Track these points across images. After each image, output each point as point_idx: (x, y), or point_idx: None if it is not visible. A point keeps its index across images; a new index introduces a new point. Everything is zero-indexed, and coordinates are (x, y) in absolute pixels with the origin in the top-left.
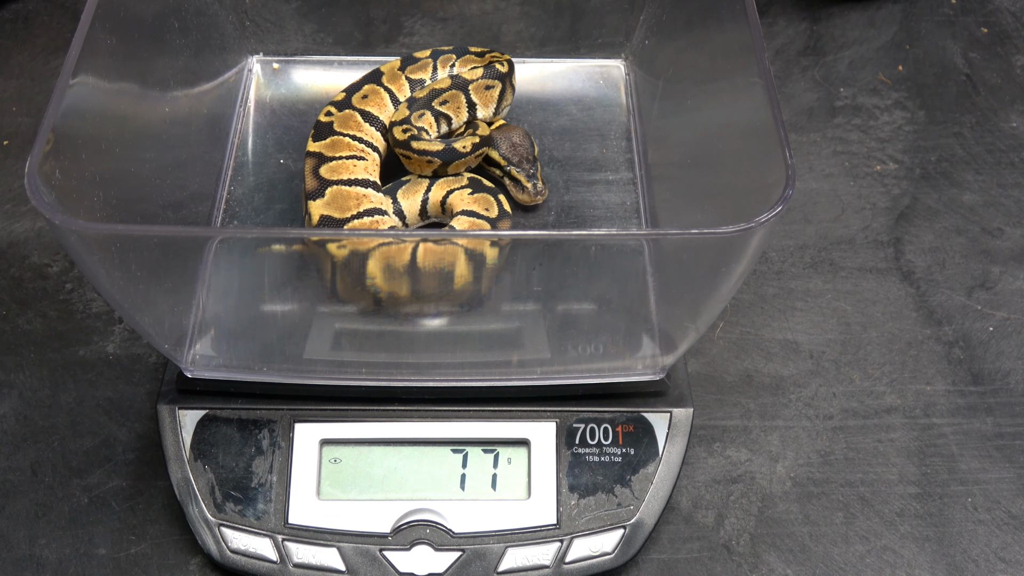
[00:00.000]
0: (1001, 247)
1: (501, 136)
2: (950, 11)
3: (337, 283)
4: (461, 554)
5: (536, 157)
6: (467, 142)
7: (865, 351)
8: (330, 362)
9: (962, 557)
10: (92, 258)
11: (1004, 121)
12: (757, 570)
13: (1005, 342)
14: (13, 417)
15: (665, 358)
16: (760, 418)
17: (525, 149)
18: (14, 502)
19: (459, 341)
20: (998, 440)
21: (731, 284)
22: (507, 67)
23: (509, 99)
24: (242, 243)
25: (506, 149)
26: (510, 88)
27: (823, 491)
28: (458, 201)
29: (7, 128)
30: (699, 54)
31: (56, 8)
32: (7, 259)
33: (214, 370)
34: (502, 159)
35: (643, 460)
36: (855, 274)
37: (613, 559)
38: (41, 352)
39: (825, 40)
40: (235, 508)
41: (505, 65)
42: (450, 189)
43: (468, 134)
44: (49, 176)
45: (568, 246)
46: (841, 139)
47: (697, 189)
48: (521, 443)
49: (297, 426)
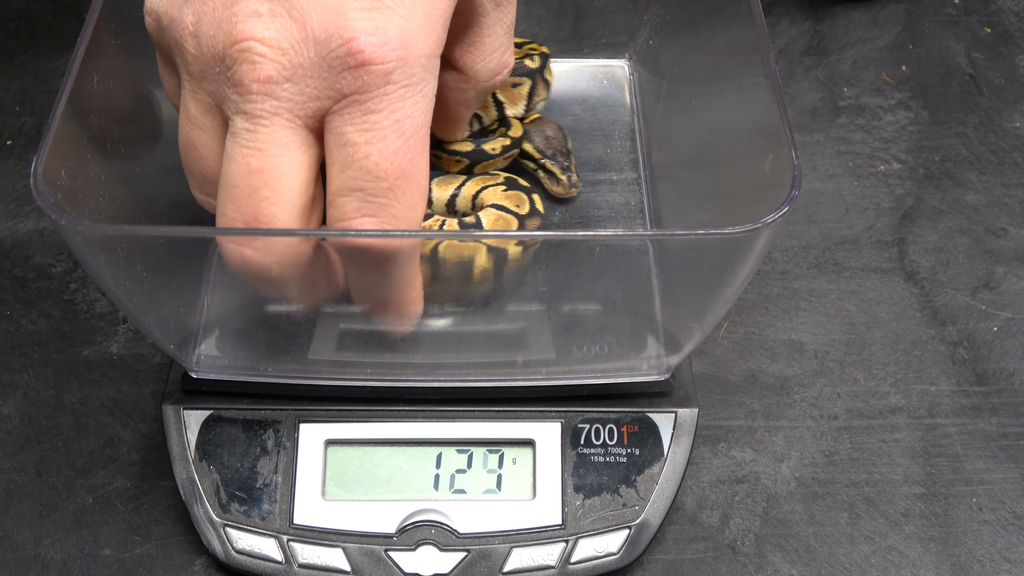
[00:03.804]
0: (1005, 247)
1: (535, 129)
2: (953, 11)
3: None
4: (466, 554)
5: (569, 150)
6: (497, 144)
7: (869, 351)
8: (335, 362)
9: (967, 557)
10: (98, 259)
11: (1007, 121)
12: (762, 570)
13: (1009, 342)
14: (17, 417)
15: (670, 358)
16: (765, 418)
17: (559, 142)
18: (19, 502)
19: (464, 342)
20: (1003, 440)
21: (737, 285)
22: (538, 62)
23: (543, 94)
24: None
25: (540, 142)
26: (542, 83)
27: (828, 491)
28: (490, 196)
29: (10, 128)
30: (703, 54)
31: (59, 8)
32: (11, 259)
33: (219, 371)
34: (536, 152)
35: (648, 460)
36: (859, 274)
37: (618, 559)
38: (45, 352)
39: (828, 40)
40: (240, 508)
41: (536, 60)
42: (484, 185)
43: (500, 134)
44: (55, 176)
45: (573, 246)
46: (844, 139)
47: (701, 189)
48: (526, 443)
49: (302, 426)
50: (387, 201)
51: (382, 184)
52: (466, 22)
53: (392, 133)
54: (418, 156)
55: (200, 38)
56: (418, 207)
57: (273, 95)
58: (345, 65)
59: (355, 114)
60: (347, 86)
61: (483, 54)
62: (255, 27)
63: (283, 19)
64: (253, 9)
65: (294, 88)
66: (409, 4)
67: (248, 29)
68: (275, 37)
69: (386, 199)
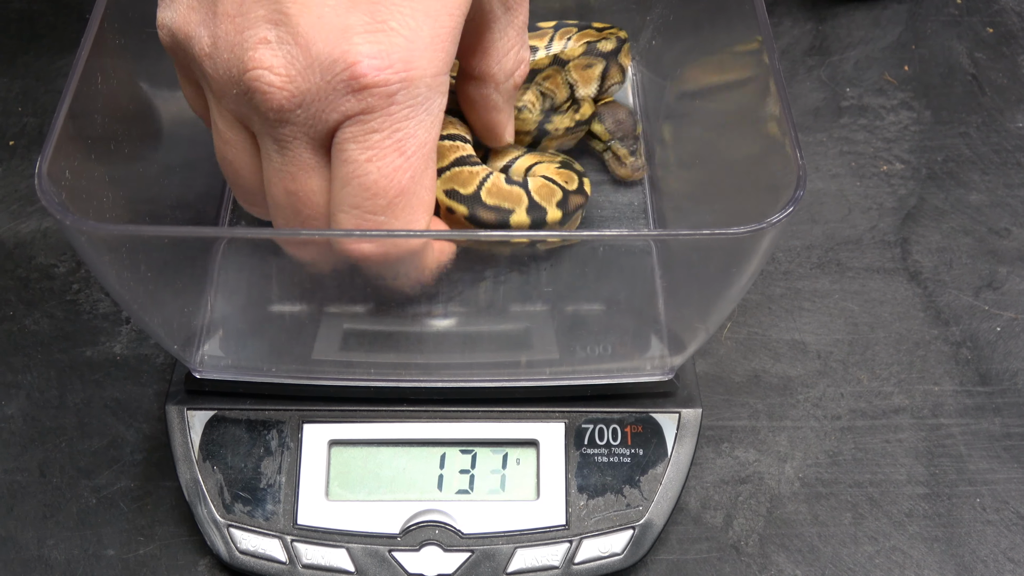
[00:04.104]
0: (1008, 247)
1: (607, 112)
2: (955, 11)
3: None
4: (470, 555)
5: (638, 136)
6: (561, 124)
7: (873, 351)
8: (339, 363)
9: (971, 558)
10: (102, 259)
11: (1010, 121)
12: (766, 571)
13: (1013, 342)
14: (21, 418)
15: (674, 359)
16: (768, 418)
17: (629, 126)
18: (22, 503)
19: (468, 342)
20: (1006, 440)
21: (741, 285)
22: (614, 44)
23: (617, 77)
24: (251, 244)
25: (610, 124)
26: (616, 66)
27: (832, 491)
28: (542, 170)
29: (12, 128)
30: (706, 54)
31: (61, 8)
32: (14, 259)
33: (223, 371)
34: (606, 132)
35: (652, 461)
36: (862, 274)
37: (622, 560)
38: (48, 353)
39: (831, 40)
40: (244, 509)
41: (612, 42)
42: (539, 160)
43: (570, 112)
44: (59, 176)
45: (577, 246)
46: (847, 139)
47: (704, 189)
48: (530, 444)
49: (306, 427)
50: (384, 219)
51: (380, 201)
52: (477, 29)
53: (392, 152)
54: (420, 173)
55: (217, 60)
56: (417, 222)
57: (289, 121)
58: (349, 88)
59: (358, 133)
60: (352, 108)
61: (497, 57)
62: (264, 56)
63: (290, 46)
64: (262, 36)
65: (306, 113)
66: (413, 25)
67: (258, 58)
68: (283, 64)
69: (383, 216)
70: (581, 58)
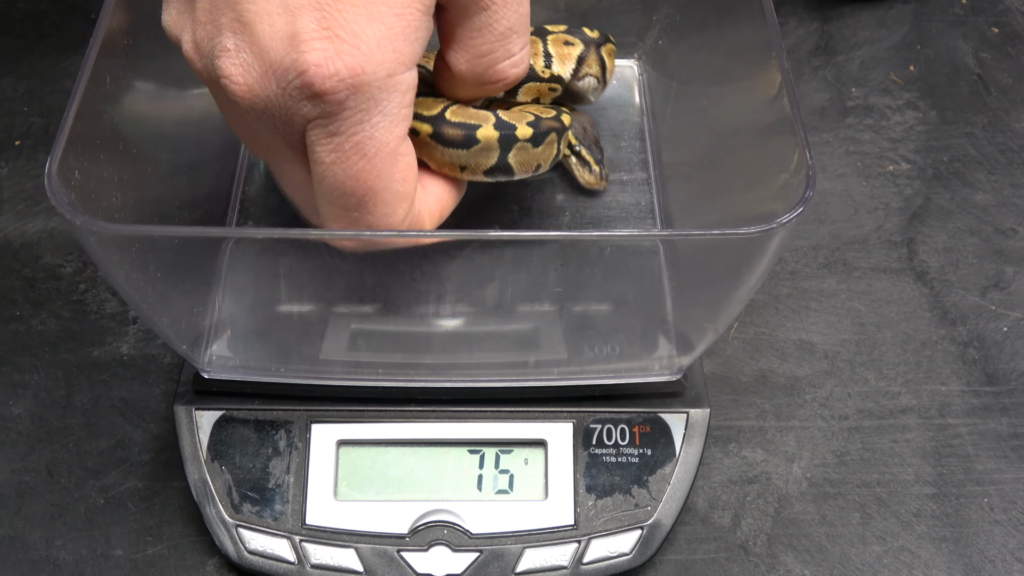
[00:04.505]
0: (1014, 247)
1: (574, 119)
2: (961, 11)
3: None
4: (479, 555)
5: (601, 148)
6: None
7: (880, 351)
8: (347, 363)
9: (979, 557)
10: (112, 259)
11: (1016, 121)
12: (774, 571)
13: (1020, 342)
14: (28, 418)
15: (682, 359)
16: (776, 418)
17: (593, 136)
18: (30, 503)
19: (476, 342)
20: (1013, 440)
21: (750, 285)
22: (597, 35)
23: (594, 69)
24: (259, 244)
25: (578, 129)
26: (595, 56)
27: (839, 491)
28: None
29: (18, 128)
30: (713, 54)
31: (66, 8)
32: (20, 259)
33: (231, 371)
34: (574, 138)
35: (660, 461)
36: (869, 274)
37: (631, 560)
38: (55, 353)
39: (836, 40)
40: (252, 509)
41: (596, 33)
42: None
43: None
44: (68, 176)
45: (584, 247)
46: (853, 139)
47: (711, 189)
48: (538, 444)
49: (314, 427)
50: (359, 214)
51: (351, 200)
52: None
53: (354, 155)
54: (386, 172)
55: (197, 64)
56: (394, 213)
57: (261, 123)
58: (303, 95)
59: (321, 136)
60: (310, 112)
61: (467, 56)
62: (224, 64)
63: (246, 54)
64: (223, 44)
65: (271, 117)
66: (358, 30)
67: (220, 66)
68: (240, 74)
69: (358, 212)
70: (563, 33)
